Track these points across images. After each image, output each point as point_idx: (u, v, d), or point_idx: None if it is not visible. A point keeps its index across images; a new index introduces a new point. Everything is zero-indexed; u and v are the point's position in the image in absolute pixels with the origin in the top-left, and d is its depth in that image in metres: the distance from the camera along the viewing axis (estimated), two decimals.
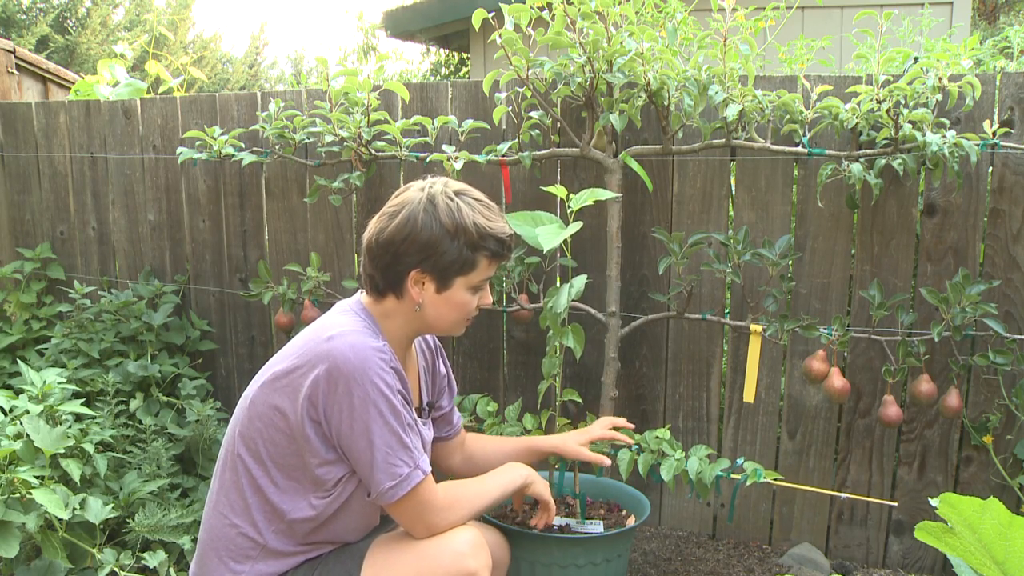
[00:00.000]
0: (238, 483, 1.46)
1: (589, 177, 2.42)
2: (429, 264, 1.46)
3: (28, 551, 2.04)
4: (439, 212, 1.45)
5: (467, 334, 2.63)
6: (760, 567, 2.33)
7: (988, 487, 2.19)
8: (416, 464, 1.41)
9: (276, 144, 2.64)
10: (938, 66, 1.93)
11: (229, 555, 1.46)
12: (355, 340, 1.39)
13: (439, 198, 1.46)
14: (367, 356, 1.38)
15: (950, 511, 0.84)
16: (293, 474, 1.44)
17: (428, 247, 1.45)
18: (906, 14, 3.17)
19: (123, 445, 2.46)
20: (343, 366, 1.37)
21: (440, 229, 1.44)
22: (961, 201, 2.12)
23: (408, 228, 1.45)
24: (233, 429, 1.49)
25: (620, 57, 2.04)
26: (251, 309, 2.95)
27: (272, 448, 1.44)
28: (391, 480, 1.39)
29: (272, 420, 1.42)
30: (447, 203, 1.46)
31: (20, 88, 3.58)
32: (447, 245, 1.45)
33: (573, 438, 1.87)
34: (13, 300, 3.17)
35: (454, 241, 1.45)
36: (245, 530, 1.46)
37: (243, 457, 1.46)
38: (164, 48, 12.54)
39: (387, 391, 1.39)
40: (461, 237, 1.46)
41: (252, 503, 1.46)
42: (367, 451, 1.38)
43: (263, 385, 1.45)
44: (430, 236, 1.44)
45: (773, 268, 2.05)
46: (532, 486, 1.68)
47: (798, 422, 2.36)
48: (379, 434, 1.38)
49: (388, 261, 1.47)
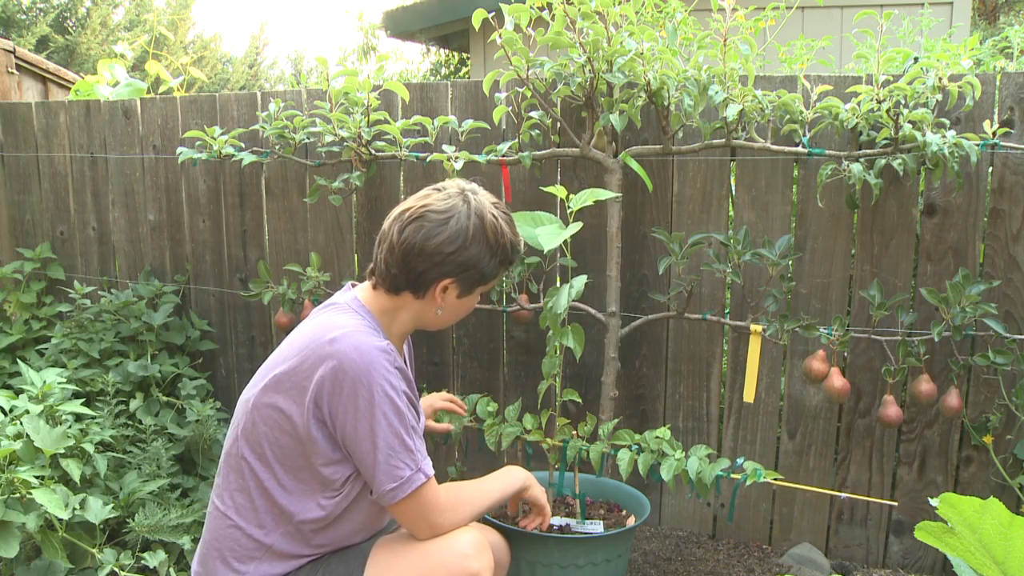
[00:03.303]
0: (244, 486, 1.46)
1: (589, 177, 2.42)
2: (464, 276, 1.50)
3: (28, 551, 2.04)
4: (487, 231, 1.49)
5: (467, 334, 2.64)
6: (760, 567, 2.33)
7: (988, 487, 2.19)
8: (418, 467, 1.42)
9: (276, 144, 2.64)
10: (938, 66, 1.93)
11: (233, 555, 1.46)
12: (359, 341, 1.39)
13: (487, 215, 1.49)
14: (373, 358, 1.38)
15: (950, 511, 0.84)
16: (300, 475, 1.44)
17: (471, 262, 1.49)
18: (906, 14, 3.17)
19: (123, 445, 2.46)
20: (348, 368, 1.37)
21: (486, 248, 1.49)
22: (961, 201, 2.12)
23: (459, 242, 1.47)
24: (235, 432, 1.49)
25: (620, 57, 2.04)
26: (251, 309, 2.95)
27: (278, 450, 1.43)
28: (393, 482, 1.39)
29: (277, 422, 1.42)
30: (493, 222, 1.50)
31: (20, 88, 3.58)
32: (487, 262, 1.50)
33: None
34: (13, 300, 3.17)
35: (493, 259, 1.51)
36: (251, 532, 1.45)
37: (248, 460, 1.45)
38: (164, 48, 12.54)
39: (392, 393, 1.39)
40: (499, 255, 1.51)
41: (259, 505, 1.45)
42: (370, 453, 1.39)
43: (264, 388, 1.44)
44: (477, 253, 1.48)
45: (773, 268, 2.05)
46: (530, 490, 1.69)
47: (798, 422, 2.36)
48: (382, 436, 1.38)
49: (425, 268, 1.48)
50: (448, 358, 2.67)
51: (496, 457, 2.53)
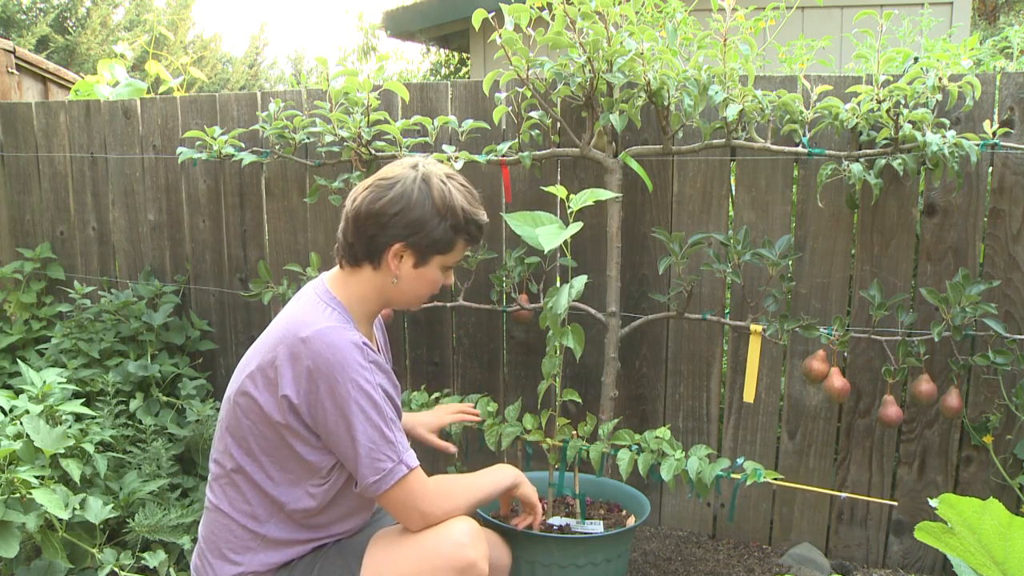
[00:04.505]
0: (233, 480, 1.49)
1: (589, 177, 2.42)
2: (414, 240, 1.50)
3: (28, 551, 2.04)
4: (432, 191, 1.49)
5: (467, 334, 2.64)
6: (760, 567, 2.33)
7: (988, 487, 2.19)
8: (400, 458, 1.43)
9: (276, 144, 2.64)
10: (938, 66, 1.93)
11: (229, 547, 1.49)
12: (332, 338, 1.41)
13: (434, 179, 1.50)
14: (346, 355, 1.40)
15: (950, 512, 0.84)
16: (287, 465, 1.47)
17: (417, 224, 1.48)
18: (906, 14, 3.17)
19: (123, 445, 2.46)
20: (322, 366, 1.39)
21: (432, 208, 1.49)
22: (961, 201, 2.12)
23: (402, 203, 1.47)
24: (221, 427, 1.52)
25: (620, 57, 2.04)
26: (251, 309, 2.95)
27: (263, 442, 1.46)
28: (375, 475, 1.41)
29: (259, 416, 1.45)
30: (440, 185, 1.50)
31: (20, 88, 3.58)
32: (435, 224, 1.49)
33: (423, 423, 1.92)
34: (13, 300, 3.17)
35: (442, 221, 1.50)
36: (245, 523, 1.48)
37: (235, 454, 1.48)
38: (164, 48, 12.54)
39: (367, 387, 1.41)
40: (449, 218, 1.50)
41: (251, 497, 1.48)
42: (351, 447, 1.41)
43: (243, 383, 1.47)
44: (421, 213, 1.48)
45: (773, 268, 2.05)
46: (520, 487, 1.70)
47: (798, 422, 2.36)
48: (361, 430, 1.40)
49: (374, 232, 1.49)
50: (448, 358, 2.67)
51: (496, 457, 2.52)
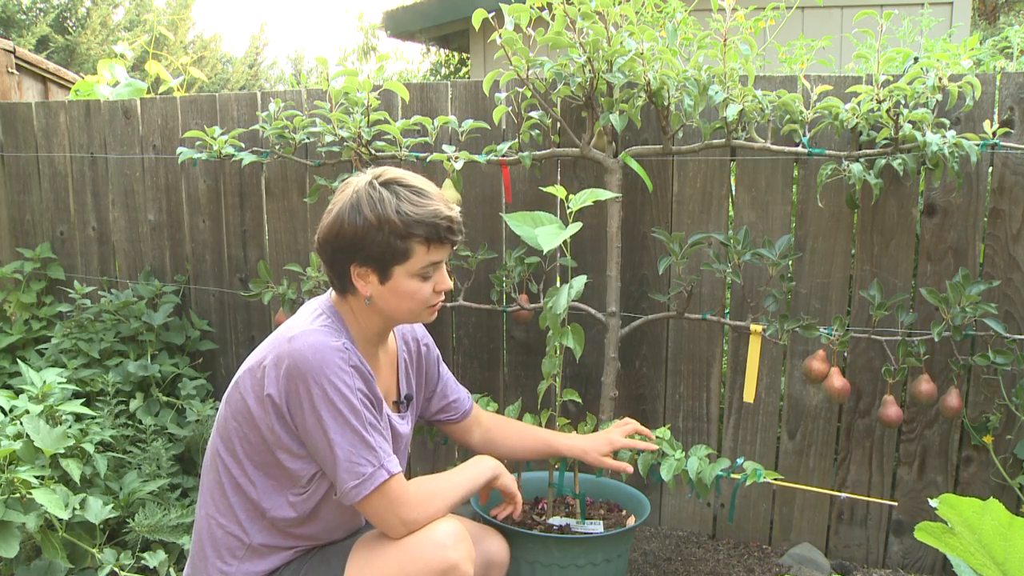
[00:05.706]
0: (220, 482, 1.50)
1: (589, 177, 2.42)
2: (362, 257, 1.47)
3: (28, 551, 2.04)
4: (362, 206, 1.45)
5: (467, 334, 2.64)
6: (760, 567, 2.33)
7: (988, 487, 2.19)
8: (380, 464, 1.42)
9: (276, 144, 2.64)
10: (938, 66, 1.93)
11: (217, 554, 1.49)
12: (315, 340, 1.41)
13: (362, 191, 1.46)
14: (325, 356, 1.40)
15: (950, 512, 0.84)
16: (269, 471, 1.47)
17: (356, 242, 1.45)
18: (906, 14, 3.17)
19: (123, 445, 2.46)
20: (302, 366, 1.39)
21: (364, 223, 1.44)
22: (961, 201, 2.12)
23: (337, 226, 1.47)
24: (215, 429, 1.53)
25: (620, 57, 2.04)
26: (251, 309, 2.95)
27: (247, 445, 1.46)
28: (354, 479, 1.40)
29: (245, 417, 1.45)
30: (369, 195, 1.45)
31: (20, 88, 3.58)
32: (373, 237, 1.44)
33: (595, 447, 1.86)
34: (13, 300, 3.17)
35: (379, 232, 1.44)
36: (231, 529, 1.49)
37: (222, 456, 1.49)
38: (164, 48, 12.53)
39: (345, 390, 1.40)
40: (386, 228, 1.44)
41: (234, 502, 1.49)
42: (328, 451, 1.41)
43: (235, 384, 1.49)
44: (355, 231, 1.45)
45: (773, 268, 2.05)
46: (500, 478, 1.68)
47: (798, 422, 2.36)
48: (339, 433, 1.40)
49: (328, 259, 1.50)
50: (448, 358, 2.67)
51: None
